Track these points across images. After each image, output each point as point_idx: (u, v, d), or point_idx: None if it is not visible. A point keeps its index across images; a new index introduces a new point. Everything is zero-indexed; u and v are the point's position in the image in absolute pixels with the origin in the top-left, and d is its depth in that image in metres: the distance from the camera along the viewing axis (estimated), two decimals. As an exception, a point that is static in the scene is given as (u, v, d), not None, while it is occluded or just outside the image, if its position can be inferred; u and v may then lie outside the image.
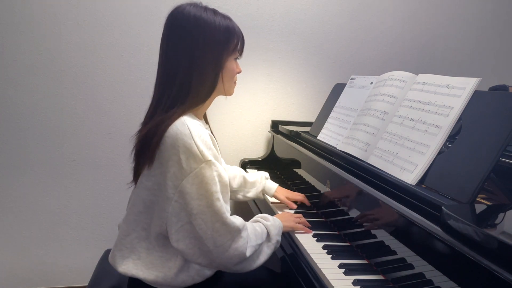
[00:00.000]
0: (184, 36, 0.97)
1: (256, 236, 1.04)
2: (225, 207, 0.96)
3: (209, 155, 0.93)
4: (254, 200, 1.63)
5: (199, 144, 0.92)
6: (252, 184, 1.47)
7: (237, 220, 0.99)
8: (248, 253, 0.99)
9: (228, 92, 1.08)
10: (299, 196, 1.48)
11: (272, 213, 1.42)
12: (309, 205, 1.48)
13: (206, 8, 1.00)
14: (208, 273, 1.06)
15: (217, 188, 0.94)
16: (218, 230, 0.94)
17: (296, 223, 1.24)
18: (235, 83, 1.10)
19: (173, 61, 0.98)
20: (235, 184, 1.44)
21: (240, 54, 1.07)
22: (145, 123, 1.03)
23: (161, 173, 0.95)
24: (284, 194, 1.48)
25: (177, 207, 0.94)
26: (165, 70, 1.01)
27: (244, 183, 1.46)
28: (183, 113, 0.97)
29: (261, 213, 1.47)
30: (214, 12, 1.00)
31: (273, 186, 1.49)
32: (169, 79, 0.99)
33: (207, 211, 0.93)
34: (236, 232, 0.97)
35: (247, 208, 1.72)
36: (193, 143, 0.91)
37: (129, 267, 1.01)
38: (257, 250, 1.05)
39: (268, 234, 1.09)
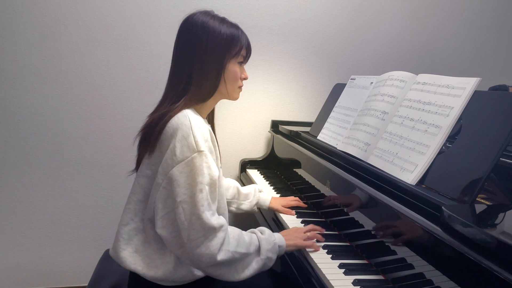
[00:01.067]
0: (191, 39, 1.04)
1: (239, 243, 1.00)
2: (208, 202, 0.95)
3: (203, 146, 0.96)
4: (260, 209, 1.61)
5: (196, 134, 0.95)
6: (246, 196, 1.46)
7: (215, 219, 0.96)
8: (219, 257, 0.95)
9: (231, 96, 1.12)
10: (293, 201, 1.48)
11: (277, 220, 1.41)
12: (304, 207, 1.47)
13: (214, 16, 1.06)
14: None
15: (203, 179, 0.95)
16: (194, 224, 0.94)
17: (304, 239, 1.15)
18: (239, 88, 1.14)
19: (180, 61, 1.05)
20: (228, 195, 1.44)
21: (245, 59, 1.12)
22: (152, 115, 1.07)
23: (159, 162, 0.98)
24: (279, 203, 1.46)
25: (164, 193, 0.96)
26: (174, 69, 1.08)
27: (238, 194, 1.46)
28: (186, 106, 1.02)
29: (266, 221, 1.47)
30: (222, 20, 1.06)
31: (267, 198, 1.48)
32: (177, 77, 1.05)
33: (189, 201, 0.94)
34: (210, 230, 0.95)
35: (254, 219, 1.70)
36: (190, 133, 0.95)
37: (127, 260, 1.02)
38: (242, 261, 1.01)
39: (259, 248, 1.05)
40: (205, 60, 1.03)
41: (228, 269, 0.99)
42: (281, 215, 1.40)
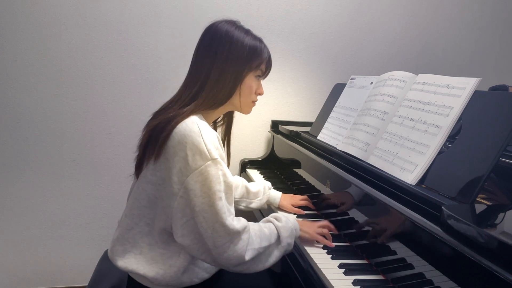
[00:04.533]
0: (213, 46, 1.04)
1: (261, 239, 1.03)
2: (227, 208, 0.96)
3: (216, 154, 0.94)
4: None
5: (207, 143, 0.93)
6: (255, 195, 1.46)
7: (238, 222, 0.98)
8: (247, 256, 0.98)
9: (243, 109, 1.12)
10: (302, 201, 1.47)
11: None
12: (313, 208, 1.47)
13: (239, 27, 1.07)
14: (206, 276, 1.07)
15: (220, 187, 0.94)
16: (218, 231, 0.94)
17: (317, 232, 1.18)
18: (253, 103, 1.12)
19: (199, 66, 1.05)
20: (237, 194, 1.43)
21: (263, 74, 1.11)
22: (157, 114, 1.05)
23: (166, 168, 0.96)
24: (289, 201, 1.46)
25: (182, 202, 0.95)
26: (192, 72, 1.07)
27: (247, 193, 1.45)
28: (194, 112, 1.00)
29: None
30: (246, 31, 1.07)
31: (277, 195, 1.48)
32: (193, 80, 1.04)
33: (209, 210, 0.93)
34: (235, 234, 0.96)
35: (252, 216, 1.70)
36: (201, 141, 0.93)
37: (130, 261, 1.01)
38: (265, 252, 1.04)
39: (278, 237, 1.07)
40: (224, 68, 1.02)
41: (254, 263, 1.02)
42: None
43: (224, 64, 1.02)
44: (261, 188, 1.47)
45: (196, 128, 0.94)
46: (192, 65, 1.08)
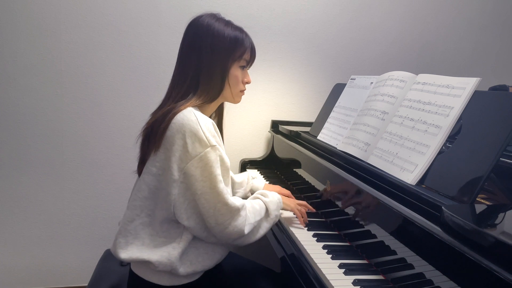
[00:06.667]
0: (197, 41, 1.06)
1: (255, 214, 1.11)
2: (226, 189, 1.02)
3: (213, 141, 0.99)
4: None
5: (205, 130, 0.98)
6: (240, 185, 1.49)
7: (237, 200, 1.05)
8: (246, 231, 1.06)
9: (235, 99, 1.16)
10: (285, 193, 1.48)
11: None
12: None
13: (219, 19, 1.09)
14: (208, 262, 1.08)
15: (219, 171, 1.00)
16: (220, 210, 1.00)
17: (297, 208, 1.28)
18: (242, 92, 1.16)
19: (185, 63, 1.08)
20: None
21: (248, 64, 1.14)
22: (153, 114, 1.09)
23: (166, 158, 1.00)
24: (272, 190, 1.46)
25: (183, 187, 1.00)
26: (179, 68, 1.10)
27: (232, 183, 1.48)
28: (190, 105, 1.03)
29: None
30: (227, 23, 1.09)
31: (259, 185, 1.52)
32: (182, 77, 1.07)
33: (210, 192, 0.99)
34: (235, 211, 1.03)
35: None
36: (199, 129, 0.97)
37: (133, 251, 1.03)
38: (257, 226, 1.12)
39: (267, 210, 1.16)
40: (210, 62, 1.05)
41: (248, 236, 1.10)
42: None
43: (210, 58, 1.05)
44: (244, 178, 1.52)
45: (193, 117, 0.98)
46: (178, 63, 1.10)
